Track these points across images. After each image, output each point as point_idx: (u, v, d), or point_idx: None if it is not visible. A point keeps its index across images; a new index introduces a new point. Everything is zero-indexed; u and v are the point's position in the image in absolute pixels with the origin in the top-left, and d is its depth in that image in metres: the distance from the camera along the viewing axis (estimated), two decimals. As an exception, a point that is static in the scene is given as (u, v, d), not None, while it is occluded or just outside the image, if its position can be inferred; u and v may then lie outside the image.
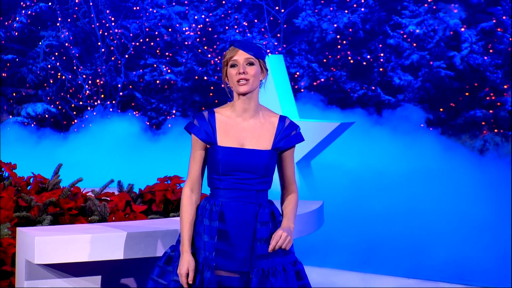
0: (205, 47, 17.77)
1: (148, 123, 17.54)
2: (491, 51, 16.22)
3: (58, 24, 18.47)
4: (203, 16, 17.82)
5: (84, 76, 18.19)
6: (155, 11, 18.20)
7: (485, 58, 16.17)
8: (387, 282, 7.98)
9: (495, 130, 15.97)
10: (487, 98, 16.13)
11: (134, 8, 18.38)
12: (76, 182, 6.30)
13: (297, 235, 5.25)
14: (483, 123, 16.02)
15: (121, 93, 18.12)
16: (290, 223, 4.74)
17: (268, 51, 15.25)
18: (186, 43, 17.86)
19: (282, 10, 17.57)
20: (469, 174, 13.67)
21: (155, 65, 18.18)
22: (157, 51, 18.28)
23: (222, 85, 4.88)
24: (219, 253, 4.68)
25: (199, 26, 17.81)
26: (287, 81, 11.85)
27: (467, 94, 16.28)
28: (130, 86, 18.18)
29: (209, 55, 17.71)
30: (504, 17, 16.14)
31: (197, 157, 4.81)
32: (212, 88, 17.66)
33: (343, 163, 13.32)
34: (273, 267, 4.69)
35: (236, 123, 4.78)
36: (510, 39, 15.82)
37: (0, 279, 5.49)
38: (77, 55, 18.42)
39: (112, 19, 18.33)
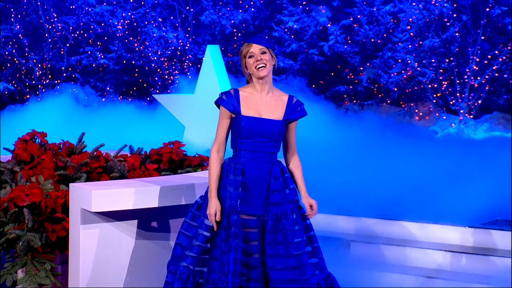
0: (131, 38, 17.58)
1: (86, 98, 17.26)
2: (350, 41, 16.56)
3: (12, 19, 17.92)
4: (129, 13, 17.61)
5: (34, 61, 17.74)
6: (90, 9, 17.87)
7: (346, 47, 16.49)
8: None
9: (354, 101, 16.32)
10: (348, 77, 16.48)
11: (71, 7, 17.99)
12: (99, 147, 6.31)
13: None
14: (345, 95, 16.34)
15: (64, 74, 17.79)
16: (308, 197, 4.98)
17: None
18: (116, 35, 17.63)
19: (191, 10, 17.52)
20: (340, 130, 13.83)
21: (89, 52, 17.88)
22: (90, 41, 17.96)
23: (245, 71, 4.92)
24: (241, 200, 4.78)
25: (126, 22, 17.59)
26: (223, 66, 11.80)
27: (332, 74, 16.60)
28: (70, 69, 17.85)
29: (135, 44, 17.54)
30: (359, 16, 16.46)
31: (224, 124, 4.87)
32: (137, 70, 17.51)
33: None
34: (284, 211, 4.82)
35: (255, 98, 4.87)
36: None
37: (55, 223, 5.48)
38: (27, 44, 17.92)
39: (55, 15, 17.92)
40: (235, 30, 17.13)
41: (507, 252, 7.10)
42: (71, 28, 17.84)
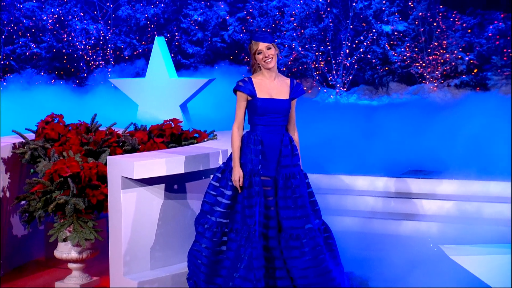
0: (60, 30, 17.06)
1: (22, 82, 16.64)
2: (245, 31, 16.77)
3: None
4: (57, 9, 17.07)
5: (-26, 51, 16.93)
6: (21, 6, 17.19)
7: (242, 35, 16.71)
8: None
9: (250, 79, 16.49)
10: (245, 60, 16.69)
11: (3, 4, 17.21)
12: (112, 125, 6.31)
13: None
14: (243, 75, 16.53)
15: (1, 62, 17.05)
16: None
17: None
18: (47, 27, 17.06)
19: (111, 6, 17.19)
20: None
21: (20, 42, 17.21)
22: (19, 33, 17.27)
23: (253, 62, 5.10)
24: (261, 165, 5.01)
25: (54, 16, 17.05)
26: (168, 53, 11.67)
27: (232, 57, 16.77)
28: (6, 57, 17.13)
29: (64, 36, 17.03)
30: (251, 10, 16.67)
31: (241, 106, 5.07)
32: (65, 57, 17.03)
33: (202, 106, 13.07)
34: (292, 172, 5.07)
35: (266, 83, 5.08)
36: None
37: (94, 189, 5.52)
38: (-35, 36, 17.07)
39: (-11, 11, 17.17)
40: (148, 22, 17.02)
41: (420, 195, 7.64)
42: (5, 22, 17.11)
